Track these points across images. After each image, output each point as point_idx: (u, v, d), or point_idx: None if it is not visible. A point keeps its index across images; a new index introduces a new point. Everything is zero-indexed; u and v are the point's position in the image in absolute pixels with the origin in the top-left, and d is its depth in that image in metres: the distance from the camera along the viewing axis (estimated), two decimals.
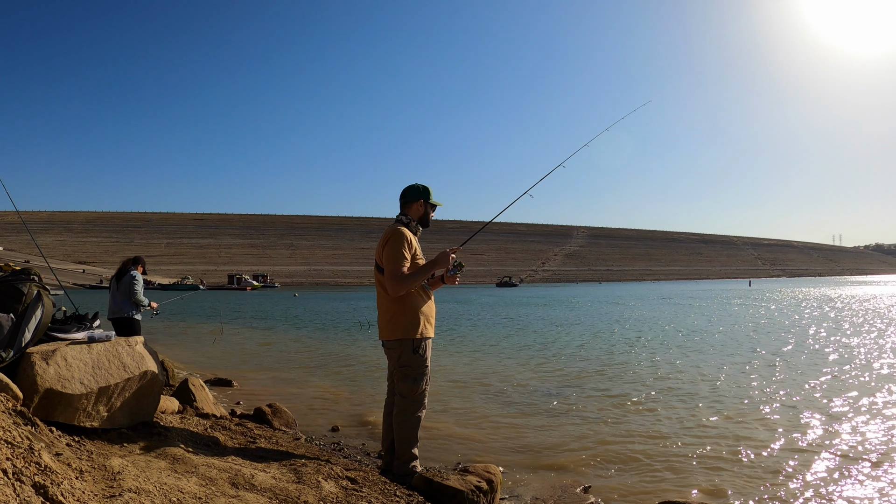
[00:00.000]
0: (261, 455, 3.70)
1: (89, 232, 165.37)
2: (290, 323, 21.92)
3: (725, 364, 9.82)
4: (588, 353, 11.53)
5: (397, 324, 3.68)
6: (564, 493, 4.06)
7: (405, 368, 3.69)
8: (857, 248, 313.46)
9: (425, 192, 3.88)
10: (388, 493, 3.30)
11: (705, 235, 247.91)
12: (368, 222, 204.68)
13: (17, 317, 3.26)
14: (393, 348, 3.74)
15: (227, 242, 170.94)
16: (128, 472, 2.64)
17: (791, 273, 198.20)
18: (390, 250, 3.63)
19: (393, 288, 3.60)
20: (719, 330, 16.38)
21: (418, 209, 3.87)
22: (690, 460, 4.74)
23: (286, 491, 2.94)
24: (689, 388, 7.70)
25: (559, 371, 9.32)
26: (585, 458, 4.82)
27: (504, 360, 10.62)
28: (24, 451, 2.33)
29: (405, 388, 3.69)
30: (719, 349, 11.95)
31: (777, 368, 9.29)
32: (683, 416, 6.18)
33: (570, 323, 19.86)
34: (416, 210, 3.87)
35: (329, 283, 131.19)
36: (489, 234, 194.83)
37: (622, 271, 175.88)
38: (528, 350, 12.23)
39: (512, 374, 9.00)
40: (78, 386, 3.20)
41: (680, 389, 7.64)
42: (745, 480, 4.26)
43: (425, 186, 3.90)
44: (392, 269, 3.59)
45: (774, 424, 5.82)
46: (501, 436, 5.49)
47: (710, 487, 4.15)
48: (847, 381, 8.10)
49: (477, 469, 3.82)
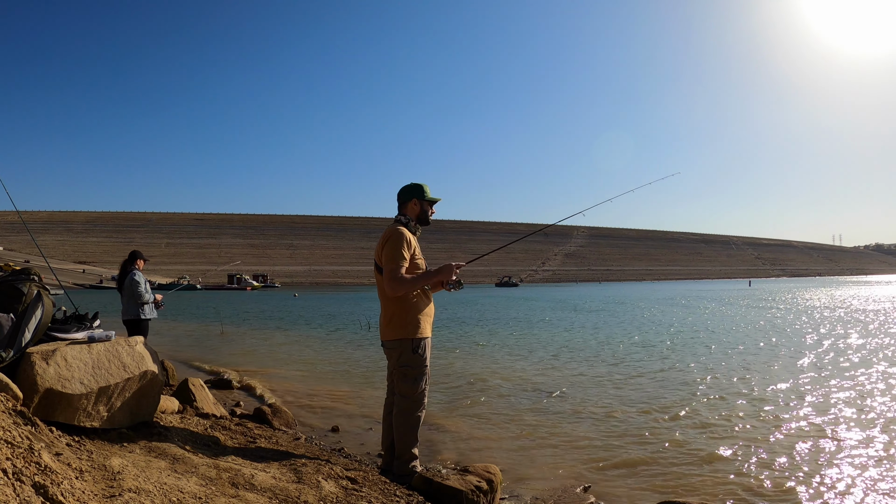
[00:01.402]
0: (261, 455, 3.70)
1: (89, 232, 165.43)
2: (290, 323, 21.92)
3: (729, 364, 9.81)
4: (592, 355, 11.53)
5: (397, 324, 3.68)
6: (564, 493, 4.06)
7: (405, 368, 3.69)
8: (857, 248, 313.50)
9: (418, 190, 3.87)
10: (388, 493, 3.30)
11: (705, 235, 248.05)
12: (368, 222, 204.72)
13: (17, 317, 3.26)
14: (392, 348, 3.74)
15: (227, 242, 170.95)
16: (128, 472, 2.64)
17: (791, 273, 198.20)
18: (389, 250, 3.63)
19: (392, 288, 3.60)
20: (722, 329, 16.39)
21: (414, 208, 3.87)
22: (692, 461, 4.73)
23: (286, 491, 2.94)
24: (692, 389, 7.69)
25: (560, 371, 9.32)
26: (586, 457, 4.82)
27: (508, 360, 10.61)
28: (24, 451, 2.33)
29: (405, 388, 3.69)
30: (722, 349, 11.94)
31: (790, 369, 9.29)
32: (685, 417, 6.17)
33: (577, 326, 19.86)
34: (412, 209, 3.87)
35: (329, 283, 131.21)
36: (489, 234, 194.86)
37: (622, 271, 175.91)
38: (535, 349, 12.22)
39: (512, 375, 9.00)
40: (78, 386, 3.20)
41: (682, 390, 7.64)
42: (745, 481, 4.26)
43: (419, 184, 3.88)
44: (391, 268, 3.59)
45: (778, 426, 5.82)
46: (502, 435, 5.49)
47: (712, 488, 4.15)
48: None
49: (477, 469, 3.82)
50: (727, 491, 4.07)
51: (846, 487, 4.10)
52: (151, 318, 6.95)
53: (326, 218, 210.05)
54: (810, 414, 6.20)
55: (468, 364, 10.13)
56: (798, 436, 5.39)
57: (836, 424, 5.77)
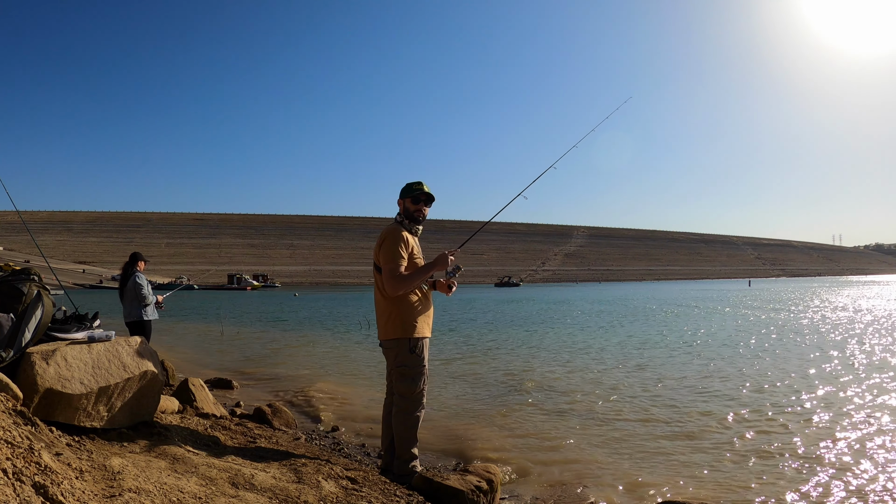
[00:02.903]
0: (261, 455, 3.70)
1: (89, 232, 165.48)
2: (290, 323, 21.92)
3: (732, 363, 9.81)
4: (597, 356, 11.53)
5: (394, 324, 3.69)
6: (564, 492, 4.06)
7: (403, 368, 3.69)
8: (857, 248, 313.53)
9: (404, 189, 3.87)
10: (388, 493, 3.30)
11: (705, 235, 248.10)
12: (368, 222, 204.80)
13: (17, 317, 3.26)
14: (390, 348, 3.74)
15: (227, 242, 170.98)
16: (128, 472, 2.64)
17: (791, 273, 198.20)
18: (386, 250, 3.64)
19: (391, 287, 3.60)
20: (722, 327, 16.39)
21: (405, 206, 3.85)
22: (693, 461, 4.73)
23: (286, 491, 2.94)
24: (694, 390, 7.69)
25: (560, 372, 9.32)
26: (586, 457, 4.82)
27: (510, 359, 10.61)
28: (24, 451, 2.33)
29: (403, 388, 3.69)
30: (718, 349, 11.94)
31: (795, 370, 9.29)
32: (686, 418, 6.17)
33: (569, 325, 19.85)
34: (402, 208, 3.87)
35: (329, 282, 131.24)
36: (489, 234, 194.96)
37: (622, 271, 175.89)
38: (527, 348, 12.23)
39: (514, 375, 9.00)
40: (78, 386, 3.20)
41: (684, 391, 7.64)
42: (747, 483, 4.26)
43: (409, 183, 3.88)
44: (390, 268, 3.60)
45: (784, 426, 5.82)
46: (502, 435, 5.49)
47: (713, 488, 4.15)
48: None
49: (477, 469, 3.82)
50: (728, 492, 4.07)
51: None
52: (153, 320, 7.00)
53: (326, 218, 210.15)
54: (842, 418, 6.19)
55: (466, 364, 10.12)
56: (835, 444, 5.37)
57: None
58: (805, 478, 4.28)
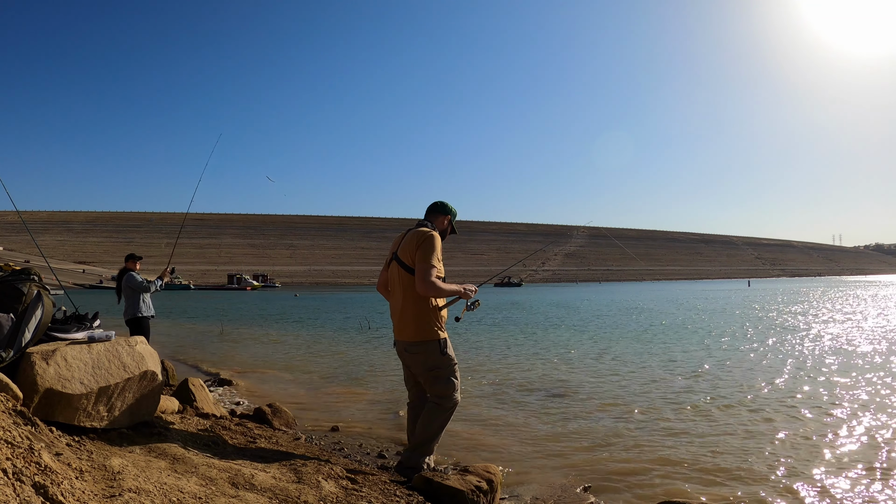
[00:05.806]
0: (261, 455, 3.70)
1: (89, 232, 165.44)
2: (290, 323, 21.91)
3: (736, 364, 9.81)
4: (598, 357, 11.53)
5: (424, 325, 3.71)
6: (564, 492, 4.06)
7: (436, 370, 3.72)
8: (857, 248, 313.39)
9: (450, 209, 4.11)
10: (388, 492, 3.30)
11: (705, 235, 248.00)
12: (368, 222, 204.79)
13: (17, 317, 3.26)
14: (418, 351, 3.74)
15: (227, 242, 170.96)
16: (128, 472, 2.64)
17: (791, 273, 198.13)
18: (425, 252, 3.67)
19: (424, 288, 3.62)
20: (721, 326, 16.38)
21: (443, 222, 4.08)
22: (694, 462, 4.73)
23: (286, 491, 2.94)
24: (696, 390, 7.69)
25: (561, 372, 9.32)
26: (586, 457, 4.82)
27: (510, 360, 10.61)
28: (24, 451, 2.33)
29: (441, 389, 3.72)
30: (719, 347, 11.94)
31: (794, 369, 9.29)
32: (687, 418, 6.17)
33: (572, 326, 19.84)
34: (441, 223, 4.06)
35: (329, 283, 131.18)
36: (489, 234, 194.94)
37: (622, 271, 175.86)
38: (526, 348, 12.22)
39: (514, 375, 8.99)
40: (78, 386, 3.20)
41: (685, 391, 7.63)
42: (747, 482, 4.26)
43: (450, 206, 4.14)
44: (426, 269, 3.62)
45: (788, 427, 5.82)
46: (502, 435, 5.49)
47: (713, 489, 4.15)
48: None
49: (477, 469, 3.82)
50: (729, 492, 4.07)
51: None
52: (151, 316, 7.15)
53: (326, 218, 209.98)
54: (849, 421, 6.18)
55: (466, 364, 10.12)
56: (838, 449, 5.38)
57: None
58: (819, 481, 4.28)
